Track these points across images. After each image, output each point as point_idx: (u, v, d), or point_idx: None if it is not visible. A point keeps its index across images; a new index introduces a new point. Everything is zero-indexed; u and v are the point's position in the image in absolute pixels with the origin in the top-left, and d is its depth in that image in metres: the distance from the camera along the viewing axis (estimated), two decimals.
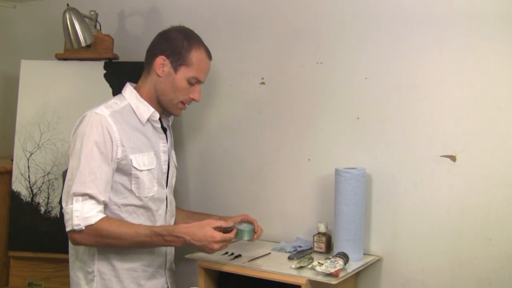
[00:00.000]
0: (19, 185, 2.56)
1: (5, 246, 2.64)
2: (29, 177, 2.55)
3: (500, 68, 1.93)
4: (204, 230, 1.85)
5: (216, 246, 1.85)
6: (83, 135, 1.87)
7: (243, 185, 2.51)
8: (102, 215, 1.84)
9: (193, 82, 2.04)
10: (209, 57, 2.08)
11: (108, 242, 1.85)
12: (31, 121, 2.57)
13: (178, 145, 2.63)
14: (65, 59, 2.67)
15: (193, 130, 2.66)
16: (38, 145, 2.56)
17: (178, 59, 1.99)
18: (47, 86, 2.61)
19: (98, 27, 2.72)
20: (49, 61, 2.68)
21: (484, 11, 1.94)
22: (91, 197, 1.83)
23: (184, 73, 2.00)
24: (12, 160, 2.59)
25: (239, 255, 2.10)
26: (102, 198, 1.86)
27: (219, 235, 1.85)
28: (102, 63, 2.62)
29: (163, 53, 2.00)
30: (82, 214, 1.80)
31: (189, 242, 1.84)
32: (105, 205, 1.89)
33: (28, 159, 2.55)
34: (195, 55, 2.01)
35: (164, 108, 2.07)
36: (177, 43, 2.00)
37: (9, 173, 2.62)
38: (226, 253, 2.11)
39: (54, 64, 2.66)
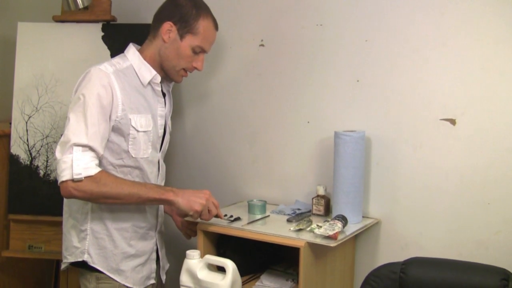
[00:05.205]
0: (17, 149, 2.55)
1: (4, 210, 2.64)
2: (27, 140, 2.54)
3: (502, 31, 1.90)
4: (199, 191, 1.96)
5: (208, 198, 1.94)
6: (86, 88, 1.85)
7: (242, 148, 2.51)
8: (100, 168, 1.84)
9: (198, 51, 2.03)
10: (215, 28, 2.08)
11: (104, 193, 1.81)
12: (29, 84, 2.55)
13: (176, 108, 2.62)
14: (63, 21, 2.63)
15: (192, 93, 2.64)
16: (36, 108, 2.54)
17: (185, 27, 1.99)
18: (44, 49, 2.57)
19: None
20: (47, 23, 2.64)
21: None
22: (91, 149, 1.81)
23: (189, 41, 2.00)
24: (10, 124, 2.58)
25: (238, 218, 2.11)
26: (101, 151, 1.85)
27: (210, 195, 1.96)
28: (100, 25, 2.59)
29: (171, 19, 1.99)
30: (83, 164, 1.78)
31: (179, 194, 1.90)
32: (100, 161, 1.89)
33: (26, 122, 2.54)
34: (202, 24, 2.01)
35: (166, 74, 2.07)
36: (185, 10, 1.99)
37: (8, 136, 2.61)
38: (226, 215, 2.12)
39: (52, 26, 2.63)
